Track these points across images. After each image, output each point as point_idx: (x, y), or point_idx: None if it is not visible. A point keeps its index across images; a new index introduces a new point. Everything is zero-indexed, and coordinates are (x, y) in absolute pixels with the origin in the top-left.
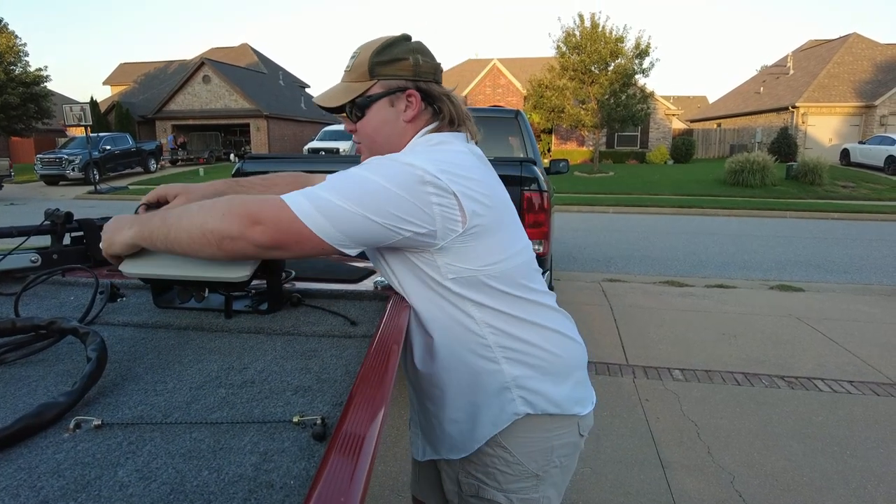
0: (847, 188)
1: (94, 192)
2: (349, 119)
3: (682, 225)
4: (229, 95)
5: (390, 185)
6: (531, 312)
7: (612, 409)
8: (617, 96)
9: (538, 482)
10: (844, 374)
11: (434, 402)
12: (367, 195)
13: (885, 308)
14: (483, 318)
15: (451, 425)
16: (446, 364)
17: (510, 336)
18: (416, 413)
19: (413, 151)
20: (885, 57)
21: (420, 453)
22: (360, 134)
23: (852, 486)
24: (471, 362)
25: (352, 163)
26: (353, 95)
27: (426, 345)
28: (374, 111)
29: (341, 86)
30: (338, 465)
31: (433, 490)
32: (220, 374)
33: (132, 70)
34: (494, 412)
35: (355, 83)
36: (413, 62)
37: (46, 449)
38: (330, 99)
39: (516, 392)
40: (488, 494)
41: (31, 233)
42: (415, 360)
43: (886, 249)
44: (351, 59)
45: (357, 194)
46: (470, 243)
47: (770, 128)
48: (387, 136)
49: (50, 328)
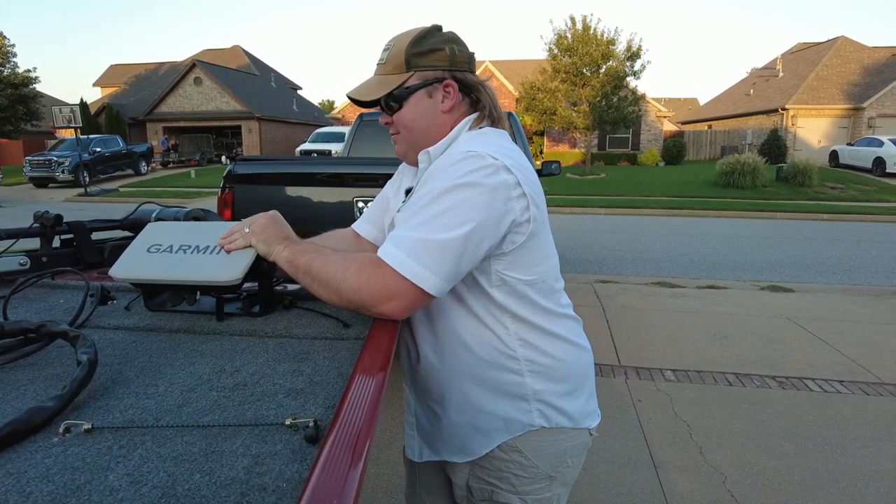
0: (836, 189)
1: (84, 194)
2: (385, 112)
3: (673, 226)
4: (221, 97)
5: (484, 225)
6: (557, 324)
7: (605, 409)
8: (608, 98)
9: (551, 482)
10: (834, 374)
11: (443, 406)
12: (470, 246)
13: (875, 308)
14: (517, 332)
15: (460, 429)
16: (466, 371)
17: (538, 350)
18: (413, 414)
19: (480, 149)
20: (873, 60)
21: (417, 454)
22: (397, 126)
23: (842, 485)
24: (494, 372)
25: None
26: (390, 88)
27: (445, 349)
28: (412, 103)
29: (376, 79)
30: (330, 467)
31: (432, 492)
32: (212, 377)
33: (123, 72)
34: (509, 421)
35: (391, 75)
36: (449, 52)
37: (35, 453)
38: (366, 92)
39: (535, 405)
40: (502, 498)
41: (19, 235)
42: (425, 364)
43: (875, 250)
44: (384, 51)
45: (460, 251)
46: (524, 250)
47: (760, 129)
48: (425, 127)
49: (39, 332)
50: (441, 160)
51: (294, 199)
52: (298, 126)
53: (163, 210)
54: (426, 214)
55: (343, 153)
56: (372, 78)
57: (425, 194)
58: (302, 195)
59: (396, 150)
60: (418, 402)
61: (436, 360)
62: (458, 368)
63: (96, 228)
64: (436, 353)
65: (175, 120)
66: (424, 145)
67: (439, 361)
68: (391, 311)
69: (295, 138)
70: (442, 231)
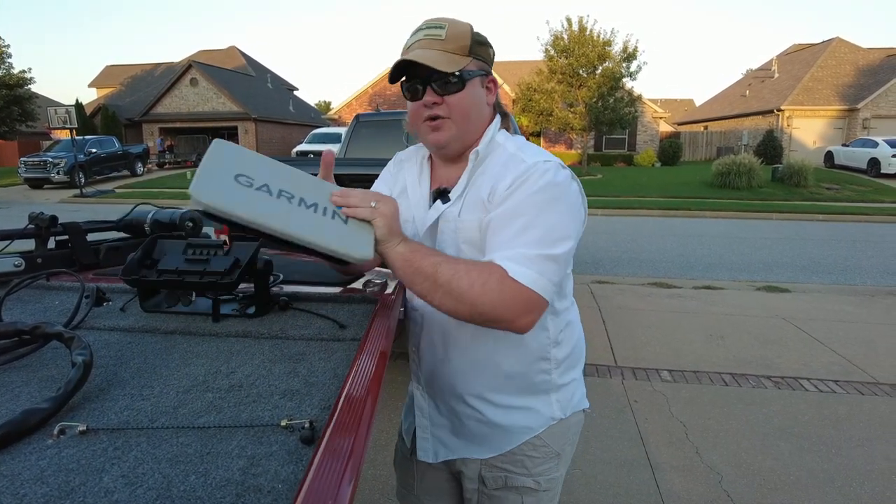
0: (831, 190)
1: (79, 195)
2: (436, 91)
3: (669, 227)
4: (217, 98)
5: (578, 233)
6: (571, 310)
7: (602, 410)
8: (605, 99)
9: (559, 461)
10: (830, 374)
11: (468, 405)
12: (571, 254)
13: (870, 308)
14: (555, 329)
15: (487, 427)
16: (501, 373)
17: (563, 345)
18: (427, 417)
19: (548, 157)
20: (867, 61)
21: (431, 456)
22: (448, 109)
23: (838, 485)
24: (530, 374)
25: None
26: (459, 66)
27: (483, 353)
28: (471, 88)
29: (439, 53)
30: (326, 468)
31: (432, 493)
32: (208, 379)
33: (118, 72)
34: (536, 416)
35: (455, 55)
36: (492, 51)
37: (30, 455)
38: (436, 61)
39: (554, 396)
40: (517, 482)
41: (14, 236)
42: (453, 366)
43: (870, 250)
44: (438, 28)
45: (566, 260)
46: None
47: (756, 130)
48: (477, 116)
49: (34, 333)
50: (507, 166)
51: None
52: (295, 127)
53: (159, 211)
54: (540, 230)
55: (340, 154)
56: (431, 51)
57: (527, 208)
58: None
59: (437, 137)
60: (437, 404)
61: (468, 363)
62: (495, 371)
63: (92, 229)
64: (470, 357)
65: (171, 121)
66: (469, 135)
67: (472, 364)
68: (525, 325)
69: (291, 139)
70: (555, 246)
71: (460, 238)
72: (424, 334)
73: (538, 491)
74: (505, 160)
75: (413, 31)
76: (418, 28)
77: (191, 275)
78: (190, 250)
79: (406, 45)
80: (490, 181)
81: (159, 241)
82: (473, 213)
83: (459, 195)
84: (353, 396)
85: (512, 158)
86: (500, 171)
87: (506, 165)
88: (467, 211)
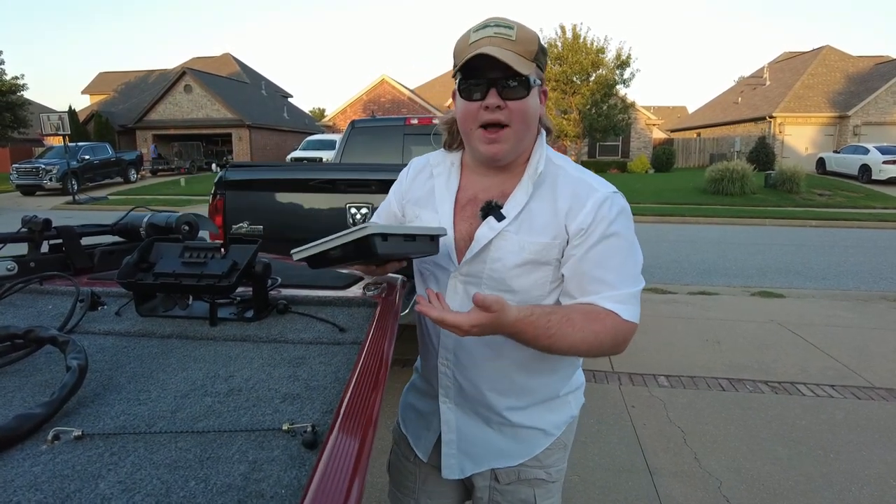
0: (823, 196)
1: (72, 202)
2: (502, 94)
3: (663, 233)
4: (211, 105)
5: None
6: None
7: (599, 416)
8: (598, 106)
9: (565, 451)
10: (826, 379)
11: (504, 417)
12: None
13: (863, 313)
14: None
15: (517, 437)
16: (541, 386)
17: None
18: (454, 431)
19: (596, 178)
20: (857, 69)
21: (457, 472)
22: (511, 113)
23: (836, 489)
24: (565, 381)
25: (339, 170)
26: (531, 71)
27: (525, 367)
28: (534, 94)
29: (513, 55)
30: (330, 473)
31: (434, 496)
32: (206, 383)
33: (112, 79)
34: (557, 417)
35: (525, 59)
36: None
37: (23, 462)
38: (513, 61)
39: (572, 396)
40: (530, 475)
41: (6, 240)
42: (489, 381)
43: (862, 256)
44: (507, 27)
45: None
46: None
47: (748, 137)
48: (534, 123)
49: (27, 337)
50: (577, 193)
51: (286, 205)
52: (289, 134)
53: (154, 215)
54: (633, 265)
55: (335, 160)
56: (503, 50)
57: (619, 243)
58: (294, 202)
59: (494, 149)
60: (466, 418)
61: (504, 377)
62: (527, 383)
63: (86, 233)
64: (506, 372)
65: (165, 127)
66: (523, 146)
67: (511, 379)
68: (624, 350)
69: (285, 146)
70: (641, 275)
71: (520, 258)
72: (456, 349)
73: (549, 482)
74: (573, 185)
75: (475, 28)
76: (483, 24)
77: (188, 278)
78: (187, 253)
79: (470, 39)
80: (562, 204)
81: (156, 245)
82: (539, 236)
83: (492, 209)
84: (357, 400)
85: (580, 184)
86: (571, 196)
87: (575, 191)
88: (528, 232)
